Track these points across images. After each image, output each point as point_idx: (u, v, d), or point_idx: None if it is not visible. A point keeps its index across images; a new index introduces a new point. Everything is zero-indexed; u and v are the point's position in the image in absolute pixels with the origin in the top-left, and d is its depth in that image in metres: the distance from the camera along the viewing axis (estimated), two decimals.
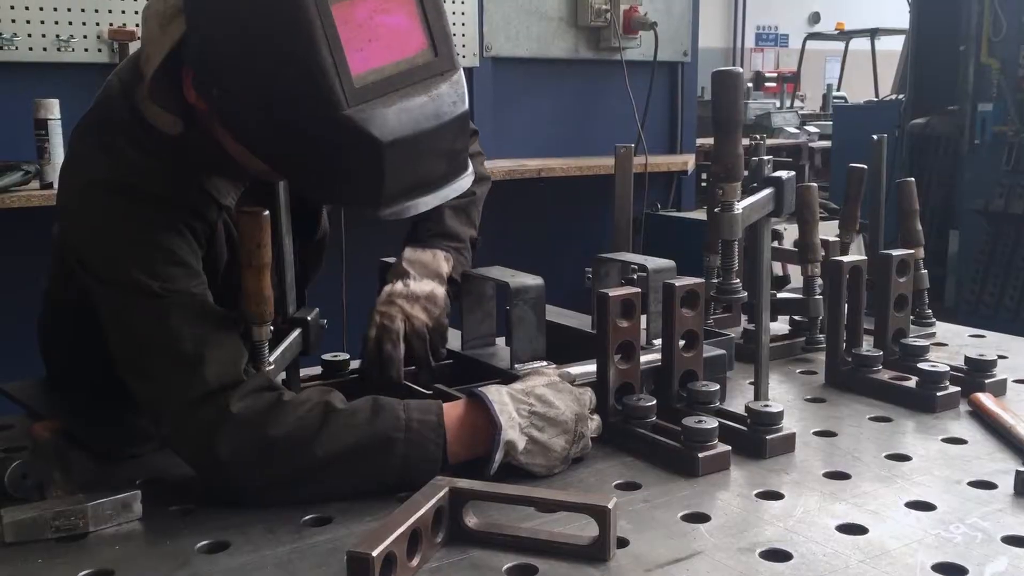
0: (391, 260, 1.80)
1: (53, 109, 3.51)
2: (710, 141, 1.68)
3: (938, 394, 1.71)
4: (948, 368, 1.76)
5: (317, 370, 1.84)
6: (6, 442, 1.60)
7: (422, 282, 1.73)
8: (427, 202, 1.38)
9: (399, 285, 1.72)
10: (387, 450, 1.37)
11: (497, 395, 1.43)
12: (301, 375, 1.71)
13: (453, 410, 1.43)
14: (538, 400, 1.44)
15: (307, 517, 1.30)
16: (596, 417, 1.50)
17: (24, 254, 3.63)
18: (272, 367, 1.50)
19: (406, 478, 1.35)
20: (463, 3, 4.67)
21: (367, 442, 1.36)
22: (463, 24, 4.71)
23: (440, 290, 1.73)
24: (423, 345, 1.69)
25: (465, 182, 1.43)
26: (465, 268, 1.82)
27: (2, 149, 3.55)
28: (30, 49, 3.69)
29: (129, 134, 1.43)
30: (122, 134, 1.43)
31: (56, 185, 3.55)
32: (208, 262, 1.51)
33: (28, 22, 3.69)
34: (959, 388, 1.74)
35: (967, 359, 1.82)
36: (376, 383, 1.64)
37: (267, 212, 1.45)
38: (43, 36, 3.71)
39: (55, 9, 3.72)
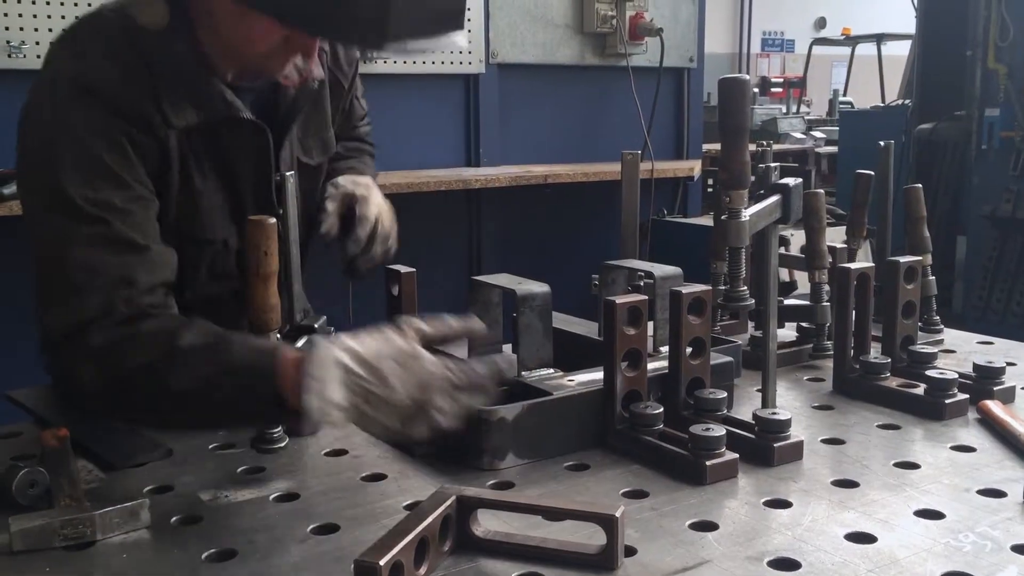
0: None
1: None
2: (716, 147, 1.68)
3: (946, 401, 1.70)
4: (956, 375, 1.75)
5: None
6: (14, 450, 1.60)
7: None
8: (424, 46, 1.47)
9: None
10: (218, 391, 1.37)
11: (324, 371, 1.31)
12: None
13: (291, 357, 1.35)
14: (376, 377, 1.31)
15: (314, 525, 1.30)
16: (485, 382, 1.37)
17: (28, 260, 3.65)
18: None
19: (242, 420, 1.48)
20: (469, 9, 4.67)
21: (203, 384, 1.38)
22: (468, 31, 4.72)
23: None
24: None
25: (460, 40, 1.52)
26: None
27: (9, 156, 3.56)
28: (38, 57, 3.70)
29: (105, 34, 1.53)
30: (97, 37, 1.54)
31: None
32: (158, 186, 1.59)
33: (36, 30, 3.71)
34: (968, 395, 1.73)
35: (975, 366, 1.82)
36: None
37: (274, 220, 1.45)
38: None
39: (63, 17, 3.73)
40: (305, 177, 1.84)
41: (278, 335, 1.51)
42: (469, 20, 4.70)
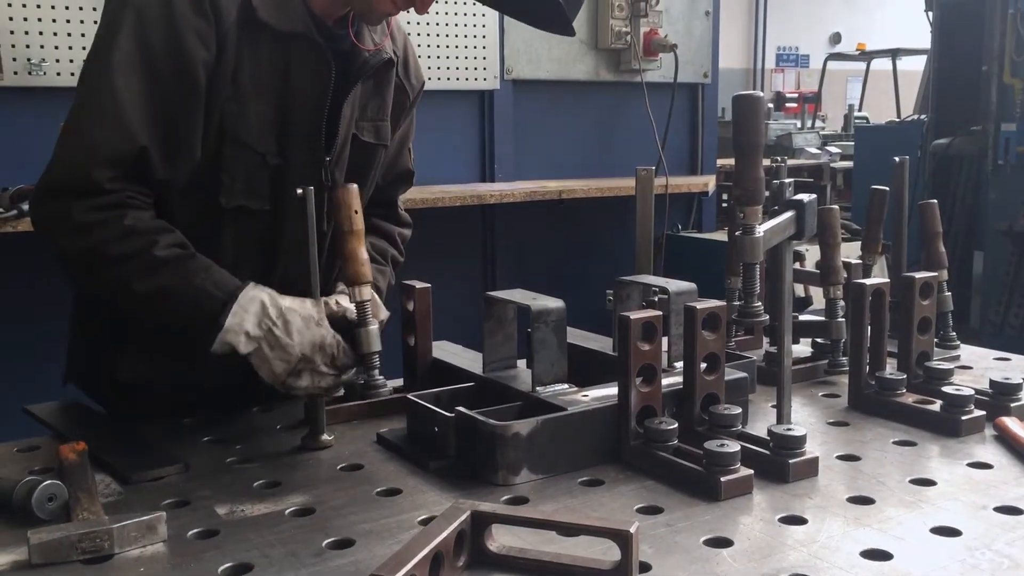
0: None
1: None
2: (730, 162, 1.69)
3: (963, 418, 1.70)
4: (973, 391, 1.74)
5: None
6: (33, 463, 1.62)
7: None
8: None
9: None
10: (171, 301, 1.63)
11: (248, 301, 1.62)
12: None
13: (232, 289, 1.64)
14: (283, 324, 1.62)
15: (329, 540, 1.31)
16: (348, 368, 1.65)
17: (48, 276, 3.69)
18: (376, 325, 1.66)
19: (190, 333, 1.64)
20: (484, 26, 4.70)
21: (161, 292, 1.62)
22: (484, 47, 4.75)
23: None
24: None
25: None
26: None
27: (30, 172, 3.60)
28: (58, 75, 3.75)
29: None
30: None
31: None
32: (214, 74, 1.69)
33: (56, 48, 3.75)
34: (984, 412, 1.73)
35: (992, 382, 1.81)
36: None
37: (355, 185, 1.69)
38: (71, 62, 3.77)
39: (82, 35, 3.78)
40: (356, 151, 1.90)
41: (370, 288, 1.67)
42: (484, 38, 4.73)
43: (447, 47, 4.66)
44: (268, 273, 1.80)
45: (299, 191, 1.61)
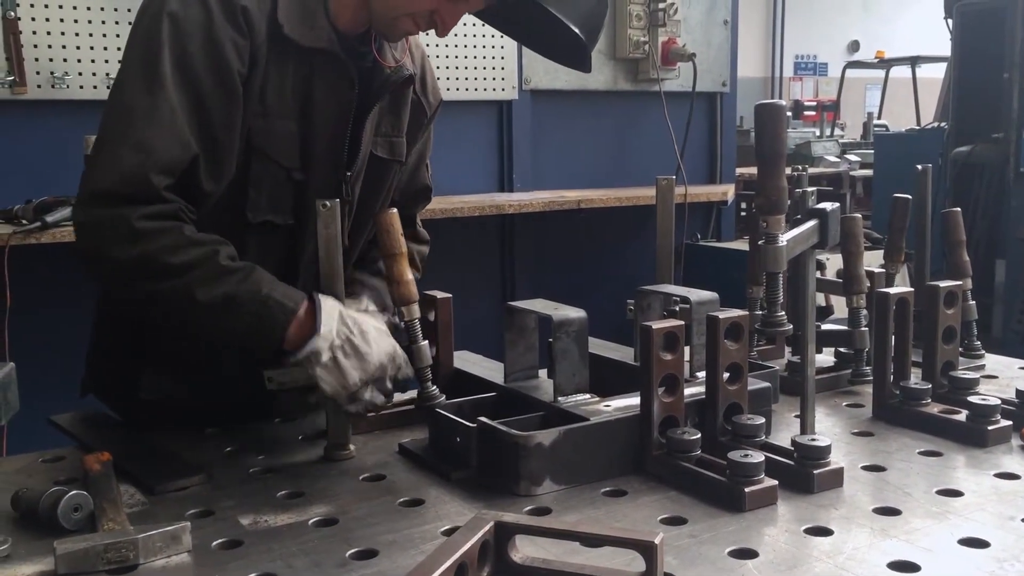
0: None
1: None
2: (749, 170, 1.69)
3: (989, 428, 1.68)
4: (999, 401, 1.73)
5: None
6: (58, 474, 1.63)
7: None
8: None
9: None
10: (240, 311, 1.58)
11: (330, 309, 1.60)
12: None
13: (304, 304, 1.61)
14: (360, 333, 1.60)
15: (353, 550, 1.31)
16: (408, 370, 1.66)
17: (73, 285, 3.72)
18: (426, 342, 1.68)
19: (247, 343, 1.62)
20: (502, 37, 4.69)
21: (229, 299, 1.58)
22: (502, 57, 4.76)
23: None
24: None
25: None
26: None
27: (53, 185, 3.64)
28: (80, 87, 3.80)
29: None
30: None
31: None
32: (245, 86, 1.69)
33: (79, 61, 3.79)
34: (1011, 422, 1.71)
35: (1018, 392, 1.79)
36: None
37: (395, 208, 1.70)
38: (93, 75, 3.81)
39: (105, 48, 3.82)
40: (371, 167, 1.92)
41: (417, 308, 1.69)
42: (502, 48, 4.74)
43: (465, 58, 4.68)
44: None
45: (325, 204, 1.61)
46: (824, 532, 1.34)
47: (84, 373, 2.00)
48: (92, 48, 3.81)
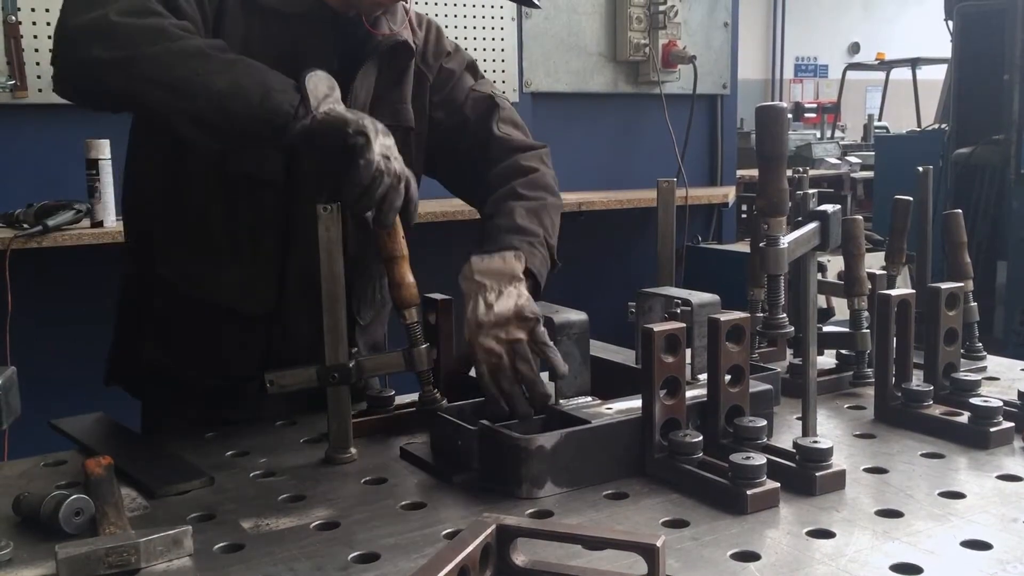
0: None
1: (104, 149, 3.59)
2: (750, 172, 1.69)
3: (991, 430, 1.68)
4: (1001, 403, 1.73)
5: (362, 405, 1.86)
6: (59, 478, 1.63)
7: (503, 298, 1.69)
8: None
9: (482, 309, 1.68)
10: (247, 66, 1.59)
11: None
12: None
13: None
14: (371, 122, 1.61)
15: (355, 554, 1.31)
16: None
17: (74, 289, 3.72)
18: (427, 345, 1.69)
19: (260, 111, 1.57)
20: (502, 39, 4.72)
21: (233, 74, 1.58)
22: (503, 60, 4.76)
23: (524, 299, 1.69)
24: (530, 367, 1.65)
25: None
26: (540, 263, 1.83)
27: (54, 188, 3.64)
28: None
29: None
30: None
31: (105, 224, 3.62)
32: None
33: None
34: (1013, 424, 1.71)
35: (1020, 394, 1.79)
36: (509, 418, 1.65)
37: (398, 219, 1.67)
38: None
39: None
40: None
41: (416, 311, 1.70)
42: (503, 51, 4.74)
43: None
44: (284, 256, 1.86)
45: (326, 207, 1.58)
46: (826, 534, 1.34)
47: (107, 360, 2.06)
48: None
